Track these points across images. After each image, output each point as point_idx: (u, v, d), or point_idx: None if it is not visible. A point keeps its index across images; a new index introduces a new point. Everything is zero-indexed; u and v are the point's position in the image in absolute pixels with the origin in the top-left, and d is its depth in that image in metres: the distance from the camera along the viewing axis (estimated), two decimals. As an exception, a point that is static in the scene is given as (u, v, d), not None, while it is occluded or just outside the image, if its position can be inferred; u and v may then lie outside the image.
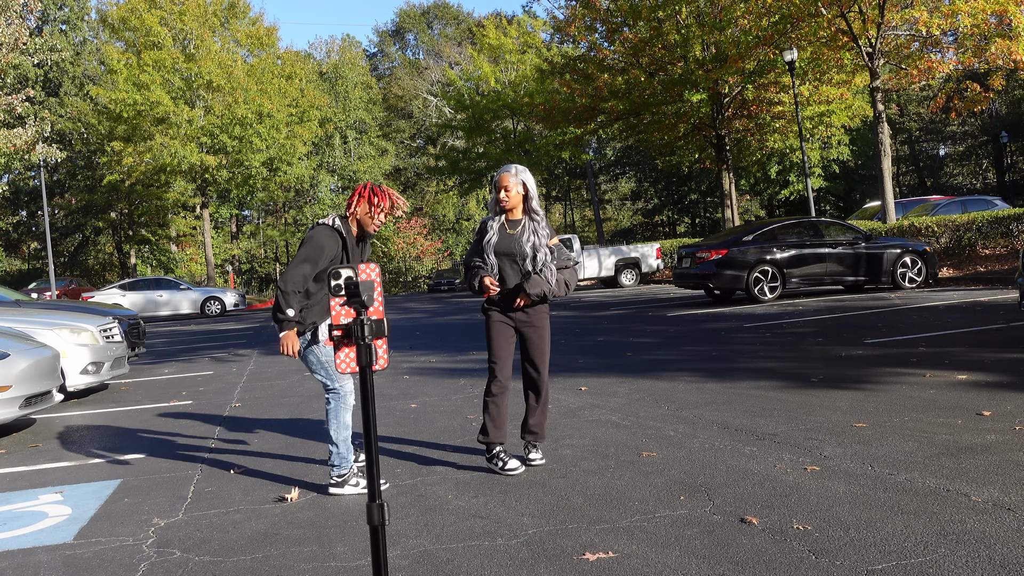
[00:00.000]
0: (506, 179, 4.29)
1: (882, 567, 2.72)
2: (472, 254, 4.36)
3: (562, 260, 4.36)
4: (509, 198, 4.28)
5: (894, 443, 4.25)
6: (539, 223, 4.31)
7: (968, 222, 17.12)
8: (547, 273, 4.24)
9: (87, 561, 3.37)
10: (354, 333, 2.31)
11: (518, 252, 4.25)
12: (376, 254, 44.85)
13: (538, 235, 4.27)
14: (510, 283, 4.26)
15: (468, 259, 4.38)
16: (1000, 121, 42.47)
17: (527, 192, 4.31)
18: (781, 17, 18.74)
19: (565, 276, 4.35)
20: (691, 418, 5.21)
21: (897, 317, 9.95)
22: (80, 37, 44.16)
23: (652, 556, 2.97)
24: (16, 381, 6.03)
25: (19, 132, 21.34)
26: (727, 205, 24.15)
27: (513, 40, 36.61)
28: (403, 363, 9.09)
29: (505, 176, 4.30)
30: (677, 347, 8.90)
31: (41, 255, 43.32)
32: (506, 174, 4.30)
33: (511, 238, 4.27)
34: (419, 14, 62.28)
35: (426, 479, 4.25)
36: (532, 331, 4.33)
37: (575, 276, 4.45)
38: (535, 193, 4.36)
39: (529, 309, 4.31)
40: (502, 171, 4.33)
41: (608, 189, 54.94)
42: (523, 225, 4.30)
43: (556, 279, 4.28)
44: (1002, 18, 16.42)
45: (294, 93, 34.58)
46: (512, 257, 4.26)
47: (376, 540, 2.24)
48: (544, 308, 4.36)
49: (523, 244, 4.24)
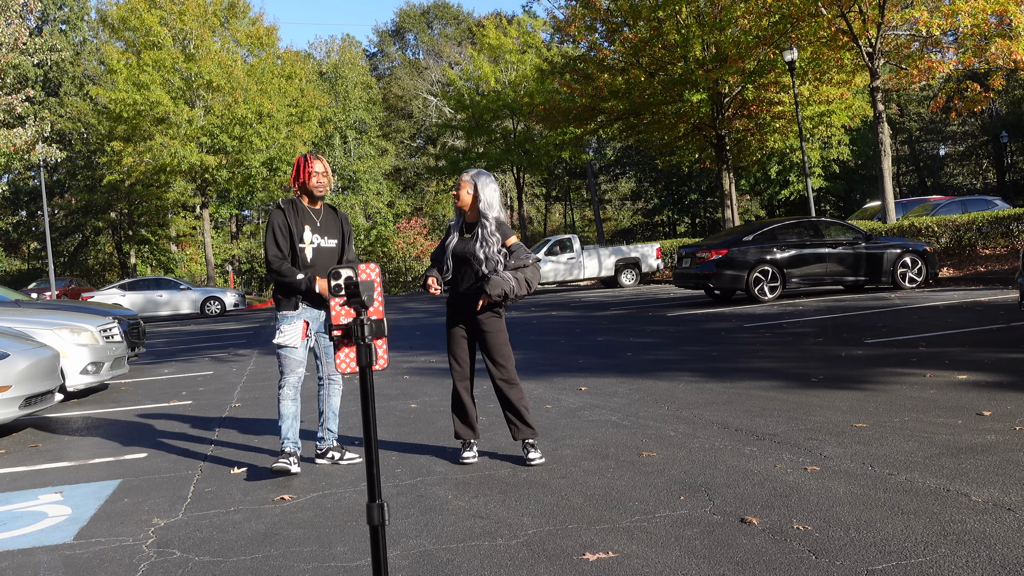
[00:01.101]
0: (461, 180, 4.50)
1: (882, 567, 2.72)
2: (436, 253, 4.58)
3: (522, 259, 4.43)
4: (459, 197, 4.47)
5: (894, 443, 4.24)
6: (487, 227, 4.41)
7: (968, 222, 17.11)
8: (505, 274, 4.35)
9: (87, 561, 3.37)
10: (354, 333, 2.31)
11: (471, 255, 4.40)
12: (376, 254, 44.85)
13: (487, 241, 4.38)
14: (463, 285, 4.44)
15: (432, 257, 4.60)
16: (1000, 121, 42.47)
17: (477, 195, 4.43)
18: (781, 17, 18.74)
19: (526, 275, 4.42)
20: (691, 418, 5.21)
21: (897, 317, 9.95)
22: (80, 37, 44.16)
23: (652, 556, 2.97)
24: (16, 381, 6.03)
25: (19, 132, 21.33)
26: (727, 205, 24.15)
27: (513, 40, 36.60)
28: (403, 363, 9.09)
29: (461, 177, 4.50)
30: (677, 347, 8.90)
31: (41, 255, 43.31)
32: (463, 175, 4.51)
33: (466, 241, 4.43)
34: (419, 14, 62.26)
35: (426, 479, 4.25)
36: (484, 334, 4.47)
37: (537, 273, 4.52)
38: (489, 198, 4.46)
39: (480, 316, 4.43)
40: (462, 172, 4.53)
41: (608, 189, 54.92)
42: (475, 229, 4.44)
43: (517, 278, 4.37)
44: (1002, 18, 16.42)
45: (294, 93, 34.57)
46: (467, 260, 4.41)
47: (376, 540, 2.24)
48: (494, 312, 4.47)
49: (476, 249, 4.39)
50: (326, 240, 4.68)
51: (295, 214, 4.62)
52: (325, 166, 4.68)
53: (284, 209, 4.62)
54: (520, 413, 4.43)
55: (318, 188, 4.63)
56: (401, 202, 49.12)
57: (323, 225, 4.69)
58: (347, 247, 4.78)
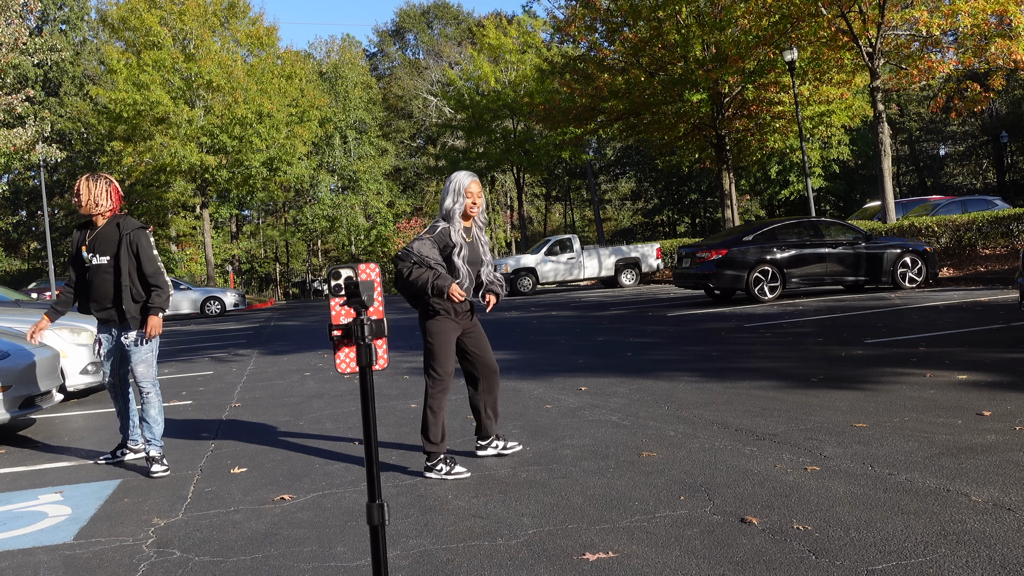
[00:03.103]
0: (477, 186, 4.32)
1: (882, 567, 2.72)
2: (425, 253, 4.21)
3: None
4: (479, 205, 4.33)
5: (894, 443, 4.25)
6: (482, 228, 4.47)
7: (968, 222, 17.12)
8: (497, 274, 4.50)
9: (87, 561, 3.37)
10: (354, 333, 2.31)
11: (480, 260, 4.37)
12: (376, 254, 44.86)
13: (486, 243, 4.46)
14: (465, 287, 4.32)
15: (421, 256, 4.20)
16: (1000, 121, 42.48)
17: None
18: (781, 17, 18.75)
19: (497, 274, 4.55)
20: (691, 418, 5.21)
21: (897, 317, 9.95)
22: (80, 37, 44.19)
23: (652, 556, 2.97)
24: (16, 381, 6.03)
25: (19, 132, 21.35)
26: (727, 205, 24.16)
27: (513, 40, 36.61)
28: (403, 363, 9.09)
29: (475, 183, 4.32)
30: (677, 347, 8.90)
31: (41, 255, 43.30)
32: (475, 181, 4.33)
33: (471, 246, 4.36)
34: (419, 14, 62.28)
35: (426, 479, 4.25)
36: (480, 335, 4.49)
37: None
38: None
39: (475, 318, 4.50)
40: (469, 177, 4.32)
41: (608, 189, 54.95)
42: (474, 232, 4.40)
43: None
44: (1002, 18, 16.43)
45: (294, 93, 34.60)
46: (475, 265, 4.37)
47: (376, 540, 2.24)
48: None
49: (485, 252, 4.39)
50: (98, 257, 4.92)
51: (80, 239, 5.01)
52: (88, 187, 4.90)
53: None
54: (498, 405, 4.60)
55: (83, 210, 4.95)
56: (401, 202, 49.13)
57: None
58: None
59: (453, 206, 4.27)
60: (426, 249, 4.21)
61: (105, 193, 4.91)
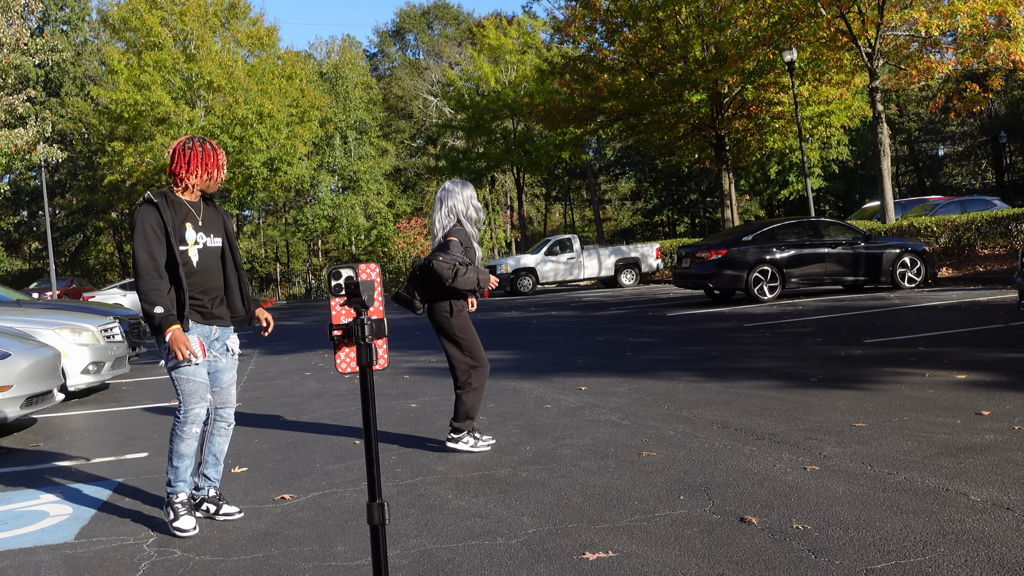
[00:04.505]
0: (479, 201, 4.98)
1: (882, 566, 2.73)
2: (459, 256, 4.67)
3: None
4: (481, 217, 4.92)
5: (893, 443, 4.25)
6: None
7: (967, 222, 17.12)
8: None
9: (88, 560, 3.37)
10: (354, 333, 2.32)
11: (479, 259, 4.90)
12: (376, 254, 44.83)
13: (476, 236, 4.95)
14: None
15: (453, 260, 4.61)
16: (999, 121, 42.47)
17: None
18: (781, 17, 18.75)
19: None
20: (691, 418, 5.22)
21: (896, 317, 9.96)
22: (81, 37, 44.19)
23: (652, 556, 2.98)
24: (17, 381, 6.04)
25: (20, 132, 21.36)
26: (727, 205, 24.16)
27: (513, 40, 36.61)
28: (403, 363, 9.10)
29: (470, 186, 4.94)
30: (677, 347, 8.90)
31: (42, 255, 43.32)
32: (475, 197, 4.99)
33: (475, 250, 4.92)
34: (419, 14, 62.26)
35: (426, 479, 4.26)
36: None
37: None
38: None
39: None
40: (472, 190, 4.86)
41: (608, 189, 54.94)
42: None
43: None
44: (1001, 18, 16.43)
45: (294, 93, 34.58)
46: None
47: (376, 540, 2.25)
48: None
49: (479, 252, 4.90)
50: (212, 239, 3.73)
51: (160, 213, 3.56)
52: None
53: (153, 201, 3.57)
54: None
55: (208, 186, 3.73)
56: (401, 202, 49.12)
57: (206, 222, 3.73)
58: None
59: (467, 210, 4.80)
60: (458, 252, 4.68)
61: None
